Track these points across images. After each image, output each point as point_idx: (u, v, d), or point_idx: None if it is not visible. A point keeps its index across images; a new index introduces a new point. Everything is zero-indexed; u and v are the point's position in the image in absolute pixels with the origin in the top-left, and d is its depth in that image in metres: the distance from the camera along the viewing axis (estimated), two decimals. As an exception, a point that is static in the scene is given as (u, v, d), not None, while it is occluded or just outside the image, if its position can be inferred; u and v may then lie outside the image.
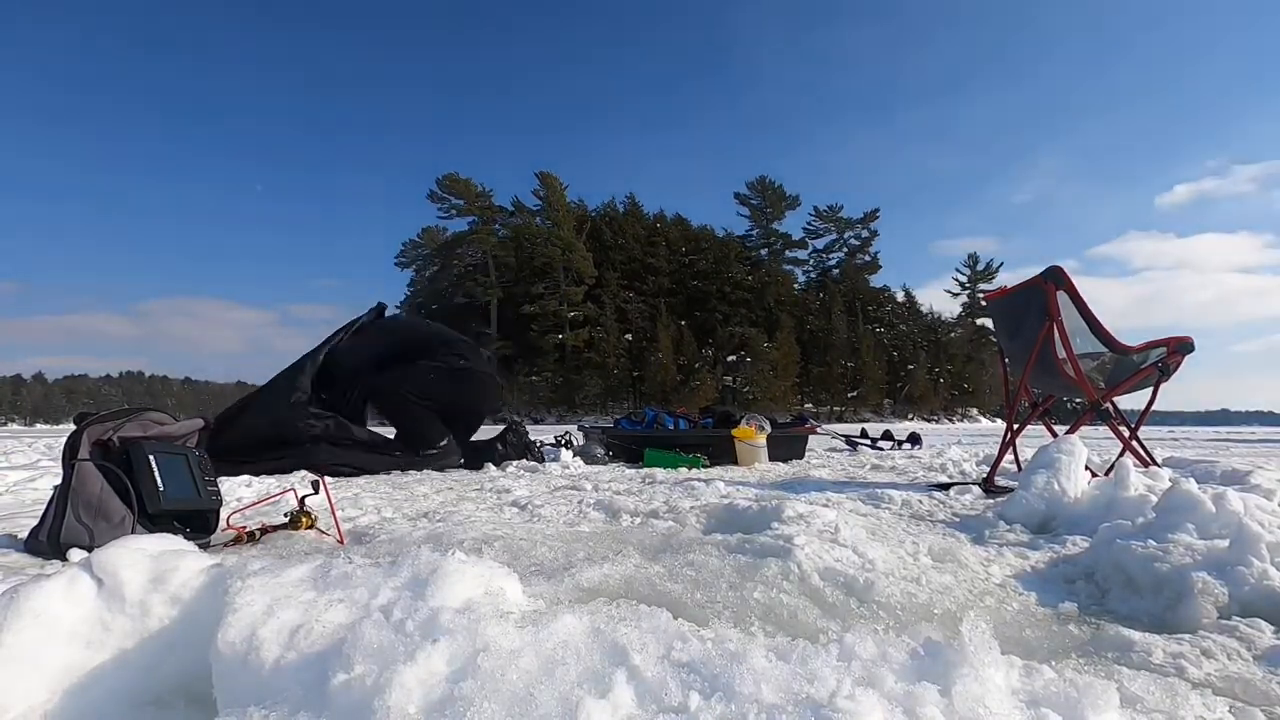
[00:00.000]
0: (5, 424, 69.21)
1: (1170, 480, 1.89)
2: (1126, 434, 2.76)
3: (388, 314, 5.26)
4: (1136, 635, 1.04)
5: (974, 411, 46.17)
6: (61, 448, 1.72)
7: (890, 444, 6.68)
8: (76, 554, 1.54)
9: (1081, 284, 2.76)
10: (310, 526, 1.93)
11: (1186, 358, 2.79)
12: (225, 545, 1.77)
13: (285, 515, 1.95)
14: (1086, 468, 2.23)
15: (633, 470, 4.08)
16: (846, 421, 35.44)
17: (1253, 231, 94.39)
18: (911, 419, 40.74)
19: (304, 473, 3.59)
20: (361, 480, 3.50)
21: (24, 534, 1.74)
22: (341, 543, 1.81)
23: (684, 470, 4.05)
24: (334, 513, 1.92)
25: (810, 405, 43.07)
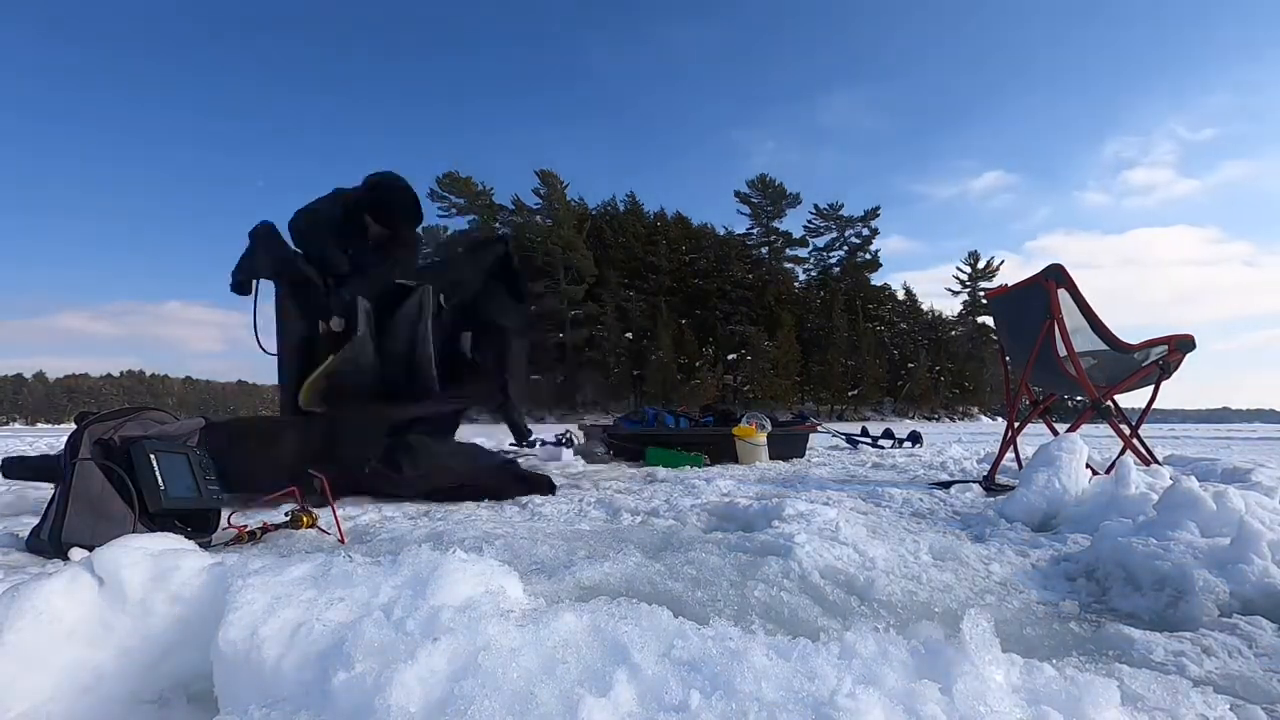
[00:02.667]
0: (7, 424, 69.34)
1: (1171, 478, 1.88)
2: (1127, 432, 2.76)
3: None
4: (1137, 633, 1.04)
5: (975, 410, 46.16)
6: (63, 447, 1.72)
7: (891, 442, 6.68)
8: (78, 553, 1.54)
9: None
10: (311, 525, 1.93)
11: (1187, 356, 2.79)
12: (226, 544, 1.77)
13: (286, 514, 1.94)
14: (1087, 466, 2.23)
15: (633, 469, 4.08)
16: (847, 420, 35.44)
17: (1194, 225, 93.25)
18: (912, 417, 40.75)
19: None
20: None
21: (25, 533, 1.75)
22: (343, 541, 1.81)
23: (685, 468, 4.05)
24: (334, 511, 1.93)
25: (811, 404, 43.07)
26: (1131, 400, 2.96)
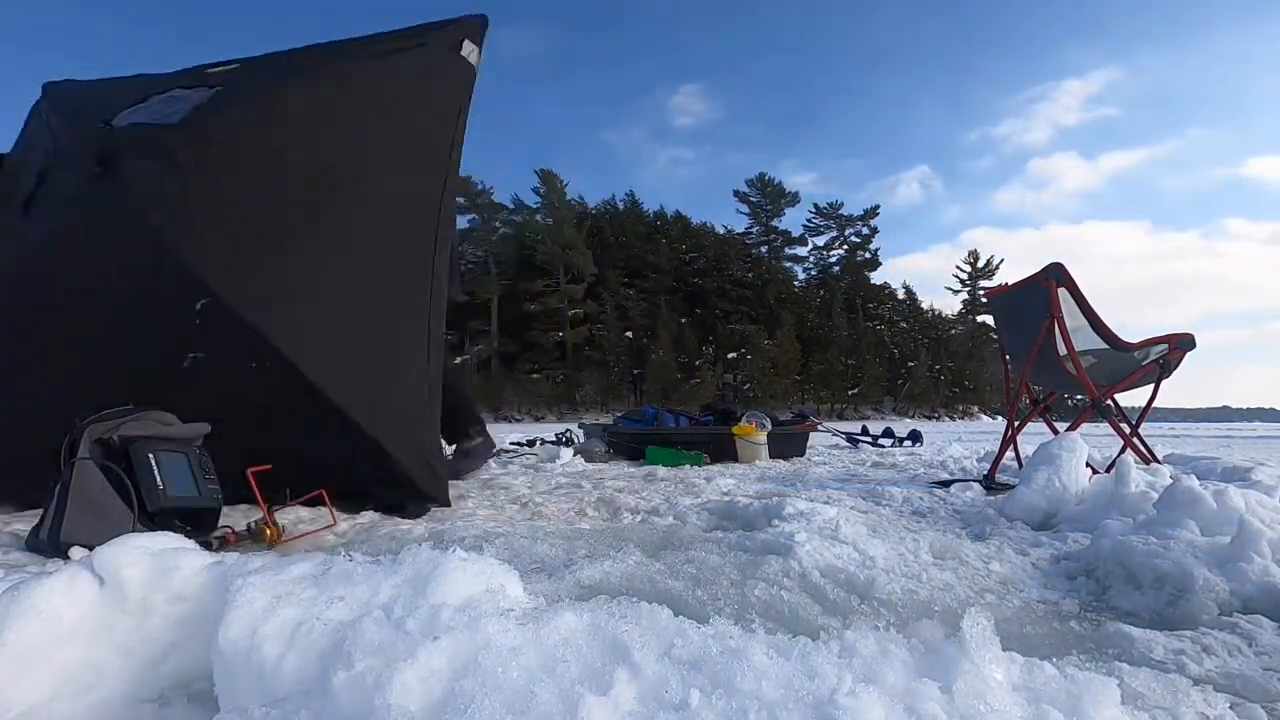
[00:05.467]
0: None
1: (1171, 477, 1.88)
2: (1127, 431, 2.76)
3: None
4: (1137, 632, 1.04)
5: (975, 409, 46.15)
6: (62, 446, 1.72)
7: (891, 441, 6.68)
8: (77, 552, 1.54)
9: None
10: (274, 543, 1.75)
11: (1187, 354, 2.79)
12: (216, 548, 1.76)
13: (248, 526, 1.82)
14: (1087, 465, 2.23)
15: (633, 468, 4.08)
16: (847, 419, 35.44)
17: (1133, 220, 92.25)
18: (912, 416, 40.75)
19: None
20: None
21: (25, 532, 1.74)
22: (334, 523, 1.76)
23: (685, 467, 4.05)
24: (334, 506, 1.91)
25: (811, 402, 43.07)
26: (1131, 399, 2.96)
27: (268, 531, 1.76)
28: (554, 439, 5.68)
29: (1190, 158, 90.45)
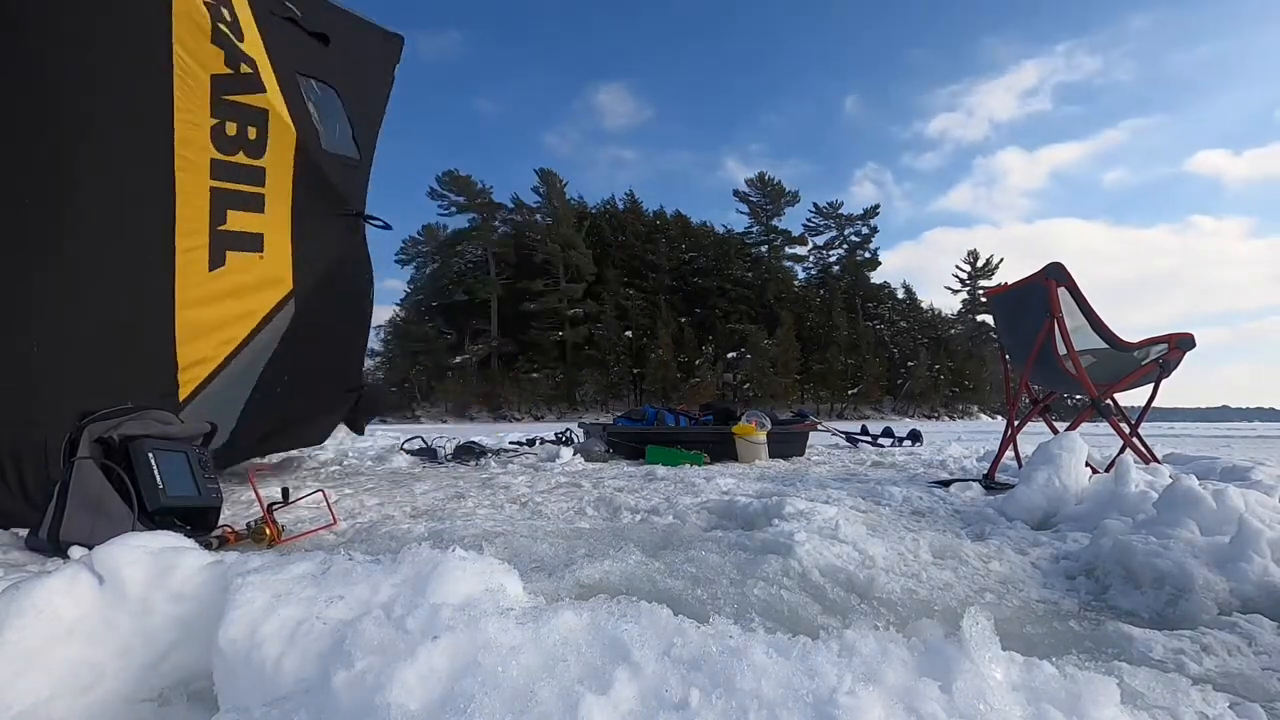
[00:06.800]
0: None
1: (1171, 476, 1.89)
2: (1127, 430, 2.76)
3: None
4: (1137, 631, 1.04)
5: (974, 408, 46.17)
6: (62, 445, 1.72)
7: (890, 440, 6.68)
8: (77, 551, 1.54)
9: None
10: (273, 544, 1.75)
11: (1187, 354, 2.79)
12: (216, 547, 1.77)
13: (247, 525, 1.84)
14: (1087, 464, 2.23)
15: (633, 467, 4.08)
16: (847, 418, 35.45)
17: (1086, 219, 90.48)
18: (912, 415, 40.77)
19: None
20: (362, 478, 3.50)
21: (24, 532, 1.74)
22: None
23: (685, 467, 4.05)
24: (332, 507, 1.92)
25: (811, 402, 43.08)
26: (1131, 399, 2.96)
27: (267, 531, 1.76)
28: (554, 438, 5.68)
29: (1134, 153, 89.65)
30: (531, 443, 5.63)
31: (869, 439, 6.74)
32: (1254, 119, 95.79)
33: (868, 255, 51.32)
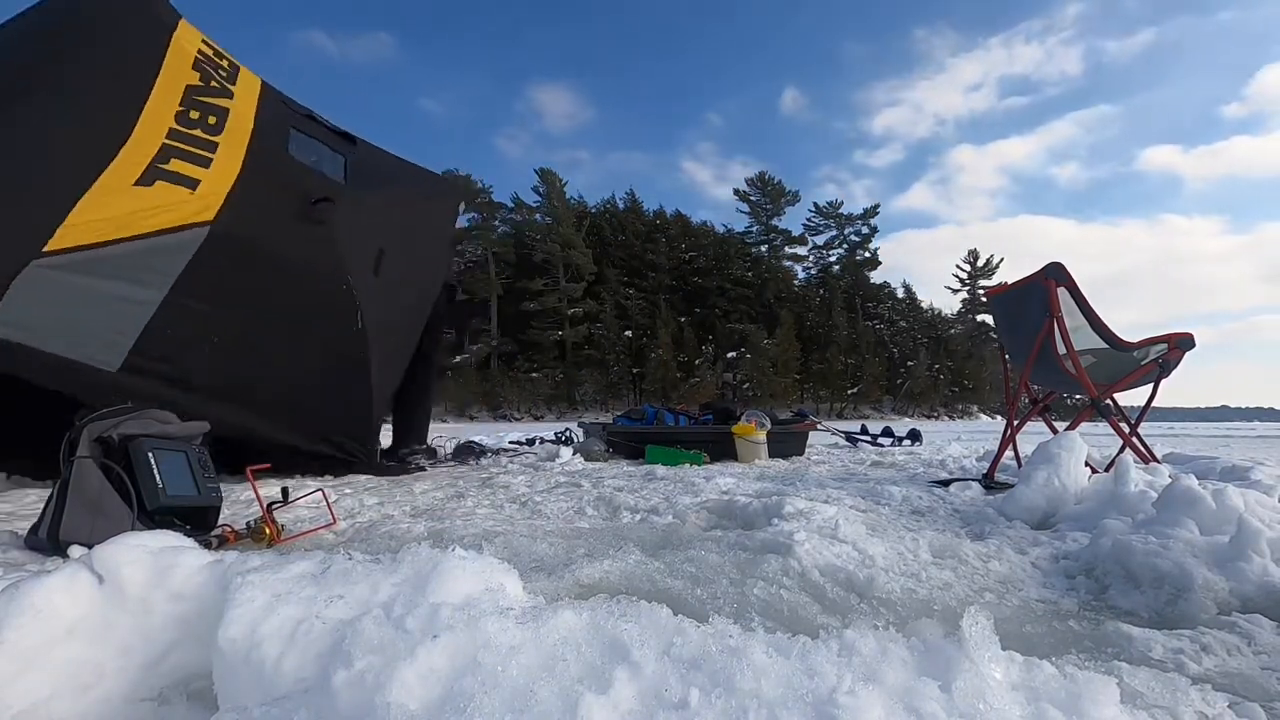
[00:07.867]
0: None
1: (1170, 476, 1.88)
2: (1126, 430, 2.76)
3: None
4: (1136, 631, 1.04)
5: (974, 408, 46.16)
6: (62, 444, 1.72)
7: (890, 440, 6.69)
8: (77, 550, 1.54)
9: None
10: (272, 543, 1.75)
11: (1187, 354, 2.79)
12: (215, 546, 1.77)
13: (247, 525, 1.83)
14: (1086, 464, 2.23)
15: (633, 467, 4.08)
16: (846, 418, 35.45)
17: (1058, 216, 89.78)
18: (912, 415, 40.77)
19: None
20: (362, 478, 3.50)
21: (24, 531, 1.74)
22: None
23: (685, 466, 4.05)
24: (330, 509, 1.92)
25: (810, 401, 43.07)
26: (1131, 398, 2.96)
27: (267, 530, 1.76)
28: (553, 438, 5.68)
29: (1082, 147, 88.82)
30: (531, 442, 5.63)
31: (869, 439, 6.74)
32: (1200, 116, 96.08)
33: (867, 255, 51.33)
